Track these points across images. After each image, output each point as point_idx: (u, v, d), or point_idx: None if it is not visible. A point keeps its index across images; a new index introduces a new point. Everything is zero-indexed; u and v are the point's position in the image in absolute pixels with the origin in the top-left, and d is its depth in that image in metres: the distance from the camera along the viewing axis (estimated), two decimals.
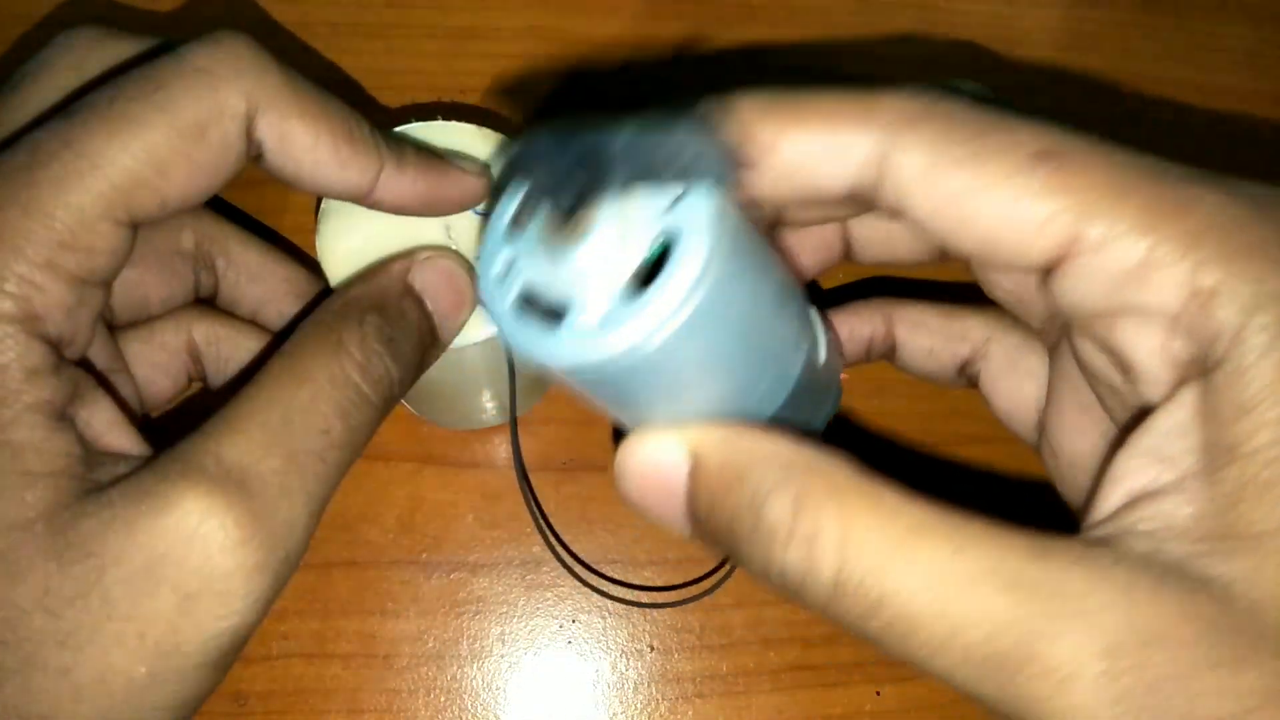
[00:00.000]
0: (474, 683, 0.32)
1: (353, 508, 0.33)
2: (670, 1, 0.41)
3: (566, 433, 0.35)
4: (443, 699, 0.32)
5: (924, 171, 0.17)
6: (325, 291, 0.26)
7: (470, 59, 0.39)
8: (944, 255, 0.23)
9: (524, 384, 0.32)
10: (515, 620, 0.33)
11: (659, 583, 0.33)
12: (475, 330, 0.25)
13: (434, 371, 0.26)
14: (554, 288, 0.16)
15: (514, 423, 0.27)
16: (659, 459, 0.18)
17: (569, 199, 0.16)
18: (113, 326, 0.25)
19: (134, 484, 0.19)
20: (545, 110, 0.38)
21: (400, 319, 0.23)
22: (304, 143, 0.21)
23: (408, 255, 0.24)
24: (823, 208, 0.21)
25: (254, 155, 0.22)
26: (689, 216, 0.15)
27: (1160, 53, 0.43)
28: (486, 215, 0.25)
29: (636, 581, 0.33)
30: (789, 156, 0.18)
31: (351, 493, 0.33)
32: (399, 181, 0.23)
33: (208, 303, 0.28)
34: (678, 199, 0.16)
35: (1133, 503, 0.17)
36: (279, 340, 0.24)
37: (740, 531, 0.17)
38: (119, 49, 0.22)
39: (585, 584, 0.32)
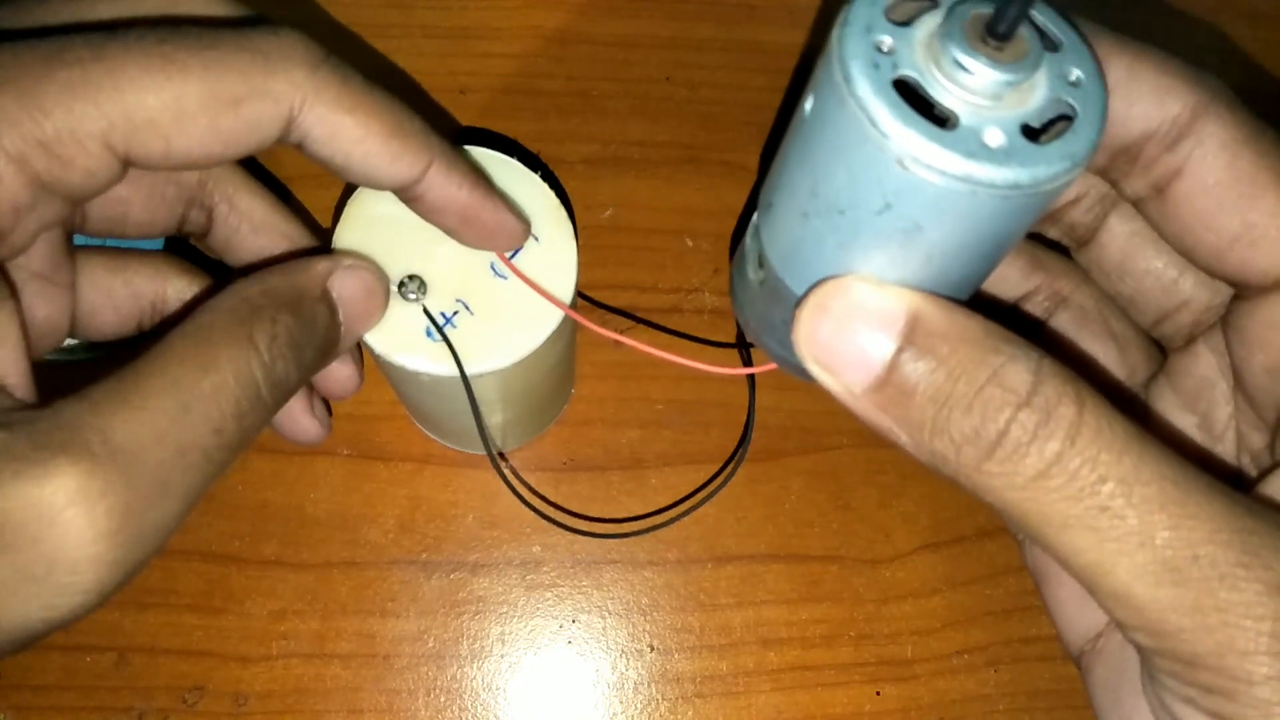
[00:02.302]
0: (474, 683, 0.32)
1: (353, 508, 0.33)
2: (669, 1, 0.41)
3: (565, 433, 0.35)
4: (443, 699, 0.32)
5: (1226, 149, 0.18)
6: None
7: (470, 59, 0.39)
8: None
9: (530, 415, 0.32)
10: (515, 620, 0.33)
11: (660, 583, 0.33)
12: (488, 359, 0.25)
13: (445, 399, 0.26)
14: (942, 94, 0.16)
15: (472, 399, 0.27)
16: (877, 304, 0.17)
17: (1013, 22, 0.15)
18: (77, 240, 0.24)
19: (5, 439, 0.17)
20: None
21: (311, 324, 0.22)
22: (353, 135, 0.21)
23: (331, 257, 0.24)
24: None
25: (295, 143, 0.21)
26: (1087, 103, 0.16)
27: None
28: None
29: (639, 587, 0.33)
30: (1126, 90, 0.19)
31: (351, 493, 0.33)
32: (446, 184, 0.23)
33: (190, 247, 0.27)
34: (1075, 83, 0.16)
35: None
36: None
37: (962, 390, 0.17)
38: (210, 6, 0.22)
39: (542, 515, 0.31)
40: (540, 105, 0.39)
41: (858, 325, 0.17)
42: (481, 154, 0.27)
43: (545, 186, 0.27)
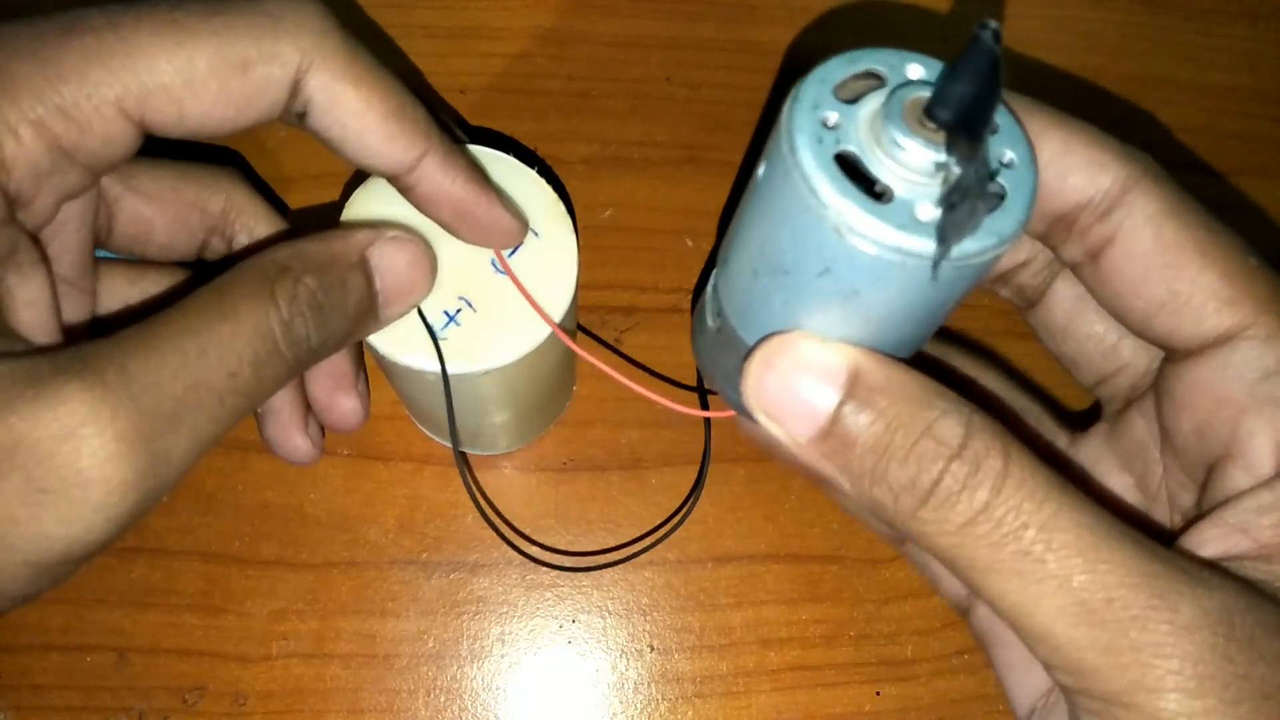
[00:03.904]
0: (474, 683, 0.32)
1: (353, 508, 0.33)
2: (669, 1, 0.41)
3: (565, 434, 0.35)
4: (443, 699, 0.32)
5: (1153, 221, 0.20)
6: None
7: (470, 59, 0.39)
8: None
9: (533, 413, 0.32)
10: (515, 620, 0.33)
11: (660, 583, 0.33)
12: (491, 356, 0.25)
13: (444, 397, 0.26)
14: (880, 169, 0.17)
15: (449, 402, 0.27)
16: (821, 360, 0.18)
17: (957, 110, 0.16)
18: (103, 256, 0.25)
19: (26, 366, 0.18)
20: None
21: (339, 290, 0.22)
22: (353, 108, 0.21)
23: (373, 228, 0.24)
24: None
25: (299, 112, 0.22)
26: (1017, 184, 0.17)
27: (1160, 53, 0.43)
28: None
29: (639, 587, 0.33)
30: (1062, 163, 0.20)
31: (351, 493, 0.33)
32: (441, 175, 0.23)
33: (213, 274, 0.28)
34: (1008, 164, 0.18)
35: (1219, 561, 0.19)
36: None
37: (899, 442, 0.18)
38: None
39: (516, 549, 0.31)
40: (540, 105, 0.39)
41: (802, 379, 0.18)
42: (479, 152, 0.27)
43: (544, 183, 0.27)
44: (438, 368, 0.25)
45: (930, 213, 0.16)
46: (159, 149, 0.25)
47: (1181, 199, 0.20)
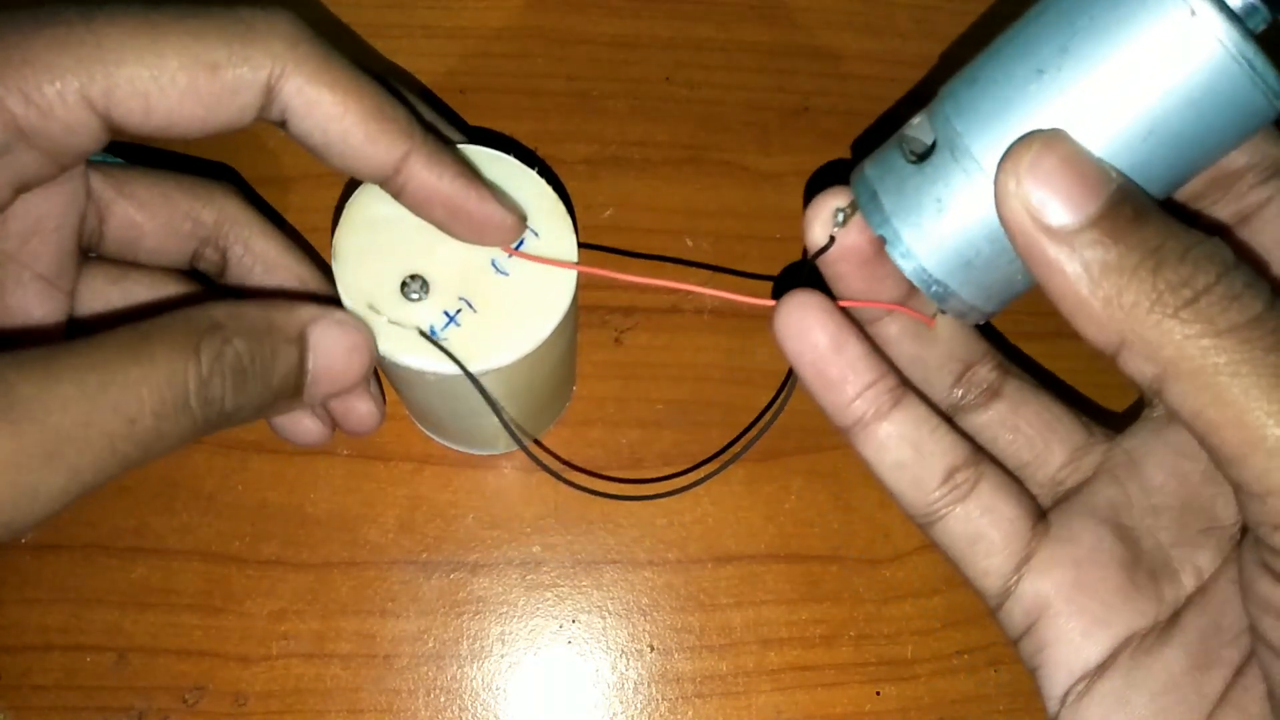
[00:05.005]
0: (474, 683, 0.32)
1: (353, 508, 0.33)
2: (669, 1, 0.41)
3: (566, 434, 0.35)
4: (443, 699, 0.32)
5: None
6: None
7: (470, 59, 0.39)
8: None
9: (539, 408, 0.32)
10: (515, 620, 0.33)
11: (660, 583, 0.33)
12: (493, 356, 0.25)
13: (450, 398, 0.26)
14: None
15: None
16: (1090, 166, 0.19)
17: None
18: (93, 256, 0.25)
19: None
20: None
21: (267, 360, 0.22)
22: (331, 111, 0.22)
23: (321, 306, 0.23)
24: None
25: (279, 120, 0.22)
26: None
27: None
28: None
29: (639, 587, 0.33)
30: None
31: (351, 493, 0.33)
32: (428, 173, 0.23)
33: (208, 282, 0.28)
34: None
35: None
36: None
37: (1172, 246, 0.18)
38: None
39: (562, 479, 0.30)
40: (540, 105, 0.39)
41: (1083, 165, 0.18)
42: (476, 151, 0.27)
43: (542, 182, 0.27)
44: (438, 368, 0.25)
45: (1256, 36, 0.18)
46: (156, 162, 0.26)
47: None
